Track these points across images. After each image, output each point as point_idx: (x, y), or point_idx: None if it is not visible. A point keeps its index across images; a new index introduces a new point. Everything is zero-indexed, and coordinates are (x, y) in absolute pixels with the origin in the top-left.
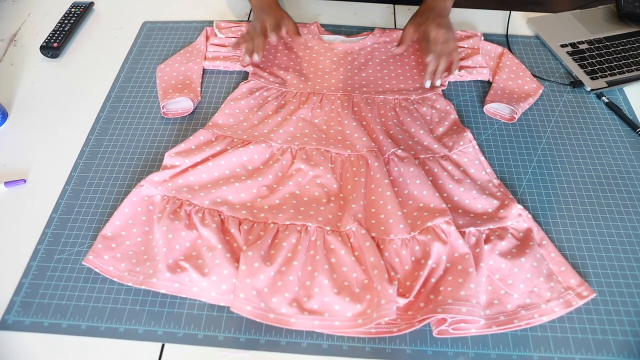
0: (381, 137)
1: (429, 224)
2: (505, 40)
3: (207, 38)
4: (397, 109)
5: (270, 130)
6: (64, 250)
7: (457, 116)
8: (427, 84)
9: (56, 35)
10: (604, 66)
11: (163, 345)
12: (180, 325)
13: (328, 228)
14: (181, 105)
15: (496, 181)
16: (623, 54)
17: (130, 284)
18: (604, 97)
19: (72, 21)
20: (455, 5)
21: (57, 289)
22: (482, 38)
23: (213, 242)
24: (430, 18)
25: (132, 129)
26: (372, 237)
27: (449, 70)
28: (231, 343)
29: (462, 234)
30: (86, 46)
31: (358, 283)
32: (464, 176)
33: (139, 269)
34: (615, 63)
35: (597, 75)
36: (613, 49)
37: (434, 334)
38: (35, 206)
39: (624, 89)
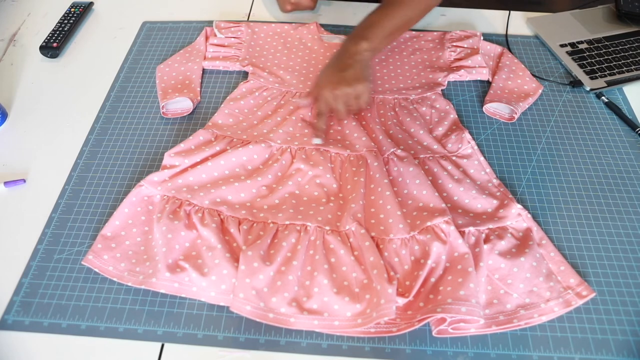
0: (380, 137)
1: (429, 223)
2: (505, 40)
3: (207, 38)
4: (397, 109)
5: (270, 130)
6: (64, 250)
7: (456, 116)
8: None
9: (56, 35)
10: (603, 66)
11: (163, 345)
12: (179, 325)
13: (327, 228)
14: (181, 105)
15: (496, 181)
16: (622, 54)
17: (129, 284)
18: (603, 97)
19: (71, 21)
20: (455, 5)
21: (56, 288)
22: (482, 38)
23: (212, 242)
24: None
25: (132, 129)
26: (372, 237)
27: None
28: (231, 343)
29: (462, 233)
30: (86, 46)
31: (357, 283)
32: (463, 176)
33: (139, 268)
34: (614, 63)
35: (597, 75)
36: (612, 48)
37: (433, 333)
38: (35, 206)
39: (624, 88)
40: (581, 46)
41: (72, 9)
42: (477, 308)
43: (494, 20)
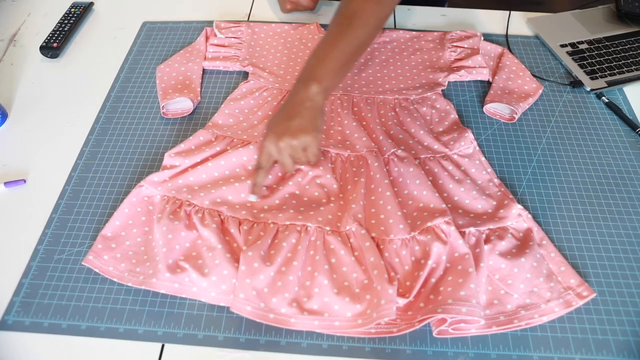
0: (381, 137)
1: (429, 224)
2: (505, 40)
3: (207, 38)
4: (397, 109)
5: None
6: (64, 251)
7: (457, 116)
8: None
9: (56, 35)
10: (603, 66)
11: (163, 346)
12: (180, 325)
13: (328, 228)
14: (181, 105)
15: (497, 181)
16: (623, 54)
17: (130, 284)
18: (603, 97)
19: (71, 21)
20: (455, 5)
21: (57, 289)
22: (482, 38)
23: (213, 242)
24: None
25: (132, 129)
26: (372, 237)
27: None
28: (231, 343)
29: (462, 234)
30: (86, 46)
31: (358, 283)
32: (464, 176)
33: (139, 269)
34: (615, 63)
35: (597, 75)
36: (613, 49)
37: (433, 334)
38: (35, 206)
39: (624, 89)
40: (581, 46)
41: (72, 9)
42: (477, 308)
43: (494, 20)
